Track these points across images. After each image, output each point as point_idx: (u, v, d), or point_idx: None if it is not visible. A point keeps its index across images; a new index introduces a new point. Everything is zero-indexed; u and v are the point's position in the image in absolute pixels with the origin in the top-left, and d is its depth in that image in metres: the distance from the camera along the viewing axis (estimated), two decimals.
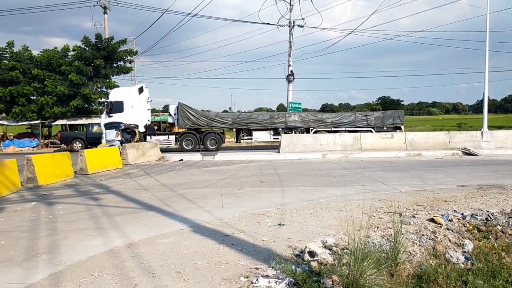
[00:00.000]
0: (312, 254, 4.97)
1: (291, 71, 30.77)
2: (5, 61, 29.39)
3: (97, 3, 33.05)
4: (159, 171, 14.93)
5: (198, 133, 24.91)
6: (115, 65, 32.13)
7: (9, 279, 4.60)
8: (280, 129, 25.33)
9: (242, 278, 4.51)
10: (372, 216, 7.13)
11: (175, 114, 24.79)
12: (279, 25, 30.65)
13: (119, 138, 21.37)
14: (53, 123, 30.28)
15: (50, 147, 29.48)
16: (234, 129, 25.79)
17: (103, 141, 22.41)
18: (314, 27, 31.67)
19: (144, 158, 18.73)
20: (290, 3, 30.25)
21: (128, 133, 23.32)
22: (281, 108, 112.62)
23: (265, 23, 32.77)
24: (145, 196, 9.85)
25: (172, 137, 25.03)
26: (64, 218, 7.68)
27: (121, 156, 17.14)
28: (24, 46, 31.23)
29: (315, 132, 24.86)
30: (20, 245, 5.96)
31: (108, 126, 22.56)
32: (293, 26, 30.53)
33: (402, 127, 25.94)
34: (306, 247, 5.07)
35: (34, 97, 29.72)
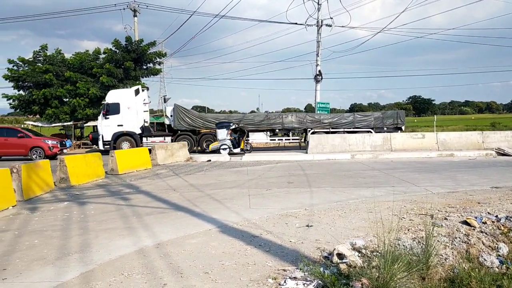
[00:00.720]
0: (341, 256, 4.90)
1: (319, 70, 30.54)
2: (39, 64, 30.28)
3: (127, 6, 33.68)
4: (187, 172, 15.07)
5: (195, 135, 25.09)
6: (144, 67, 32.68)
7: (42, 277, 4.72)
8: (277, 130, 25.21)
9: (270, 279, 4.48)
10: (403, 218, 6.98)
11: (171, 115, 25.07)
12: (307, 24, 30.45)
13: (229, 137, 21.71)
14: (85, 125, 31.02)
15: (82, 148, 30.22)
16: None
17: (219, 137, 22.61)
18: (342, 26, 31.34)
19: (172, 159, 18.95)
20: (318, 3, 30.03)
21: (236, 132, 23.86)
22: (308, 108, 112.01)
23: (292, 23, 32.61)
24: (174, 196, 9.95)
25: (168, 139, 25.13)
26: (95, 217, 7.84)
27: (150, 156, 17.39)
28: (57, 49, 32.14)
29: (313, 133, 24.41)
30: (53, 244, 6.10)
31: (220, 125, 22.82)
32: (321, 25, 30.30)
33: (403, 127, 25.54)
34: (334, 249, 5.00)
35: (67, 99, 30.51)
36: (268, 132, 25.13)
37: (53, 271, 4.90)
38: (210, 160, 19.23)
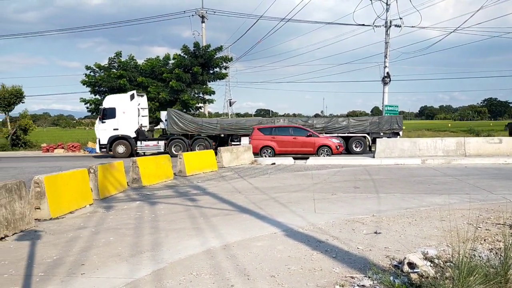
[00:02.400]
0: (411, 265, 4.71)
1: (387, 72, 29.64)
2: (114, 70, 32.00)
3: (196, 13, 34.76)
4: (252, 174, 15.22)
5: (188, 139, 25.47)
6: (211, 71, 33.48)
7: (117, 273, 4.96)
8: None
9: (337, 286, 4.40)
10: (479, 227, 6.59)
11: (166, 120, 25.63)
12: (375, 25, 29.69)
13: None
14: (155, 127, 32.32)
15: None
16: (223, 135, 25.92)
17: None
18: (412, 27, 30.20)
19: (237, 161, 19.23)
20: (386, 3, 29.16)
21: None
22: (375, 111, 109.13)
23: (360, 25, 31.88)
24: (239, 198, 10.08)
25: (162, 142, 25.63)
26: (165, 217, 8.13)
27: (216, 159, 17.76)
28: (130, 56, 33.77)
29: None
30: (126, 241, 6.40)
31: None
32: (390, 26, 29.40)
33: (401, 132, 24.83)
34: (405, 257, 4.81)
35: None
36: None
37: (127, 268, 5.14)
38: (274, 163, 19.28)
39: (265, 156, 21.29)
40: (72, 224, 7.67)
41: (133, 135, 25.23)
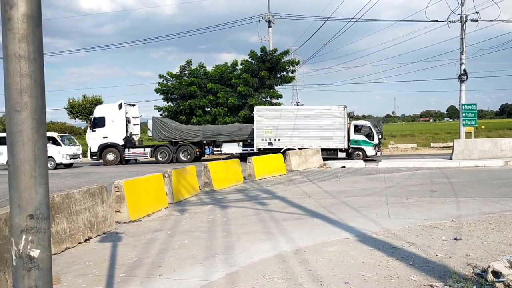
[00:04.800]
0: (496, 274, 4.39)
1: (464, 69, 28.04)
2: (185, 78, 33.21)
3: (262, 18, 35.11)
4: (321, 178, 15.06)
5: (173, 146, 25.99)
6: (278, 75, 33.65)
7: (193, 275, 5.10)
8: (249, 141, 25.35)
9: None
10: None
11: (152, 128, 26.20)
12: (449, 21, 28.24)
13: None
14: None
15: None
16: (205, 141, 26.46)
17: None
18: (490, 20, 28.37)
19: (306, 165, 19.12)
20: None
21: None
22: (451, 110, 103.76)
23: (433, 21, 30.47)
24: (309, 202, 10.01)
25: (148, 150, 26.07)
26: (236, 221, 8.26)
27: (284, 163, 17.78)
28: (200, 63, 34.90)
29: None
30: (200, 244, 6.58)
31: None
32: (466, 21, 27.80)
33: (380, 136, 25.00)
34: (489, 266, 4.50)
35: (209, 109, 32.94)
36: (241, 143, 25.95)
37: (201, 270, 5.28)
38: (344, 167, 18.95)
39: None
40: (149, 227, 8.01)
41: (121, 142, 26.18)
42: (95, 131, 26.39)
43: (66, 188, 11.38)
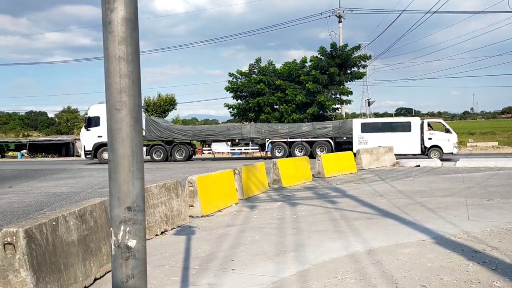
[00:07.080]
0: None
1: None
2: (254, 76, 33.59)
3: (332, 13, 34.64)
4: (394, 177, 14.59)
5: (167, 145, 26.26)
6: (348, 71, 33.03)
7: (264, 271, 5.16)
8: (237, 140, 25.88)
9: None
10: None
11: (145, 127, 26.21)
12: None
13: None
14: None
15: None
16: (195, 141, 26.94)
17: None
18: None
19: (378, 163, 18.62)
20: None
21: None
22: None
23: None
24: (381, 202, 9.74)
25: (144, 148, 25.29)
26: (306, 218, 8.23)
27: (355, 161, 17.44)
28: (270, 61, 35.09)
29: (271, 143, 25.36)
30: (271, 240, 6.64)
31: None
32: None
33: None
34: None
35: (277, 106, 33.05)
36: (229, 143, 26.25)
37: (273, 266, 5.33)
38: (419, 166, 18.22)
39: None
40: (221, 222, 8.22)
41: None
42: (90, 130, 26.87)
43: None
